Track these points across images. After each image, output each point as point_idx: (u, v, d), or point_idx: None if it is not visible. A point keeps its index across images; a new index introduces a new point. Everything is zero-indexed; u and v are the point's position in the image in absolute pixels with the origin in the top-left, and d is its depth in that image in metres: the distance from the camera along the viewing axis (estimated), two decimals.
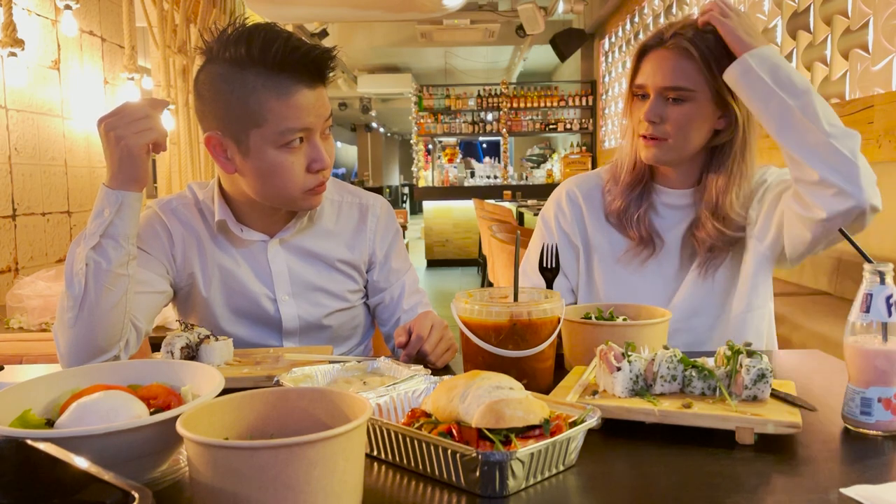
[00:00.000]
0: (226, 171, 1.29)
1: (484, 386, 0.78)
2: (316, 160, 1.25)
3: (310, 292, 1.42)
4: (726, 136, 1.40)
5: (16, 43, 2.88)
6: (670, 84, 1.35)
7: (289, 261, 1.40)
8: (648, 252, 1.48)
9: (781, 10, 3.92)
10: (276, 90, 1.20)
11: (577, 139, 10.48)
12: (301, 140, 1.24)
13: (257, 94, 1.20)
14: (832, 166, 1.22)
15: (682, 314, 1.43)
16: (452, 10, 6.18)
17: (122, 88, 4.07)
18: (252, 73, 1.20)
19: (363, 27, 10.63)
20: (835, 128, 1.23)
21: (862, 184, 1.21)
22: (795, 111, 1.25)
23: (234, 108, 1.21)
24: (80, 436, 0.69)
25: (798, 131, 1.24)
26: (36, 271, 2.69)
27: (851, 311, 0.91)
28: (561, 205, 1.57)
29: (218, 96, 1.23)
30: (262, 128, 1.21)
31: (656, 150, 1.40)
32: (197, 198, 1.41)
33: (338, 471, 0.63)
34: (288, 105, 1.20)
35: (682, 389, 0.94)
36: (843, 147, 1.22)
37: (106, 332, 1.18)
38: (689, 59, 1.34)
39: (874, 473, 0.78)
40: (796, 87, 1.25)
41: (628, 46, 7.54)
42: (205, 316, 1.41)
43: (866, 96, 3.13)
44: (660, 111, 1.37)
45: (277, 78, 1.20)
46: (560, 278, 1.54)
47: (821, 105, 1.25)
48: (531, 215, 7.20)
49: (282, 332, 1.42)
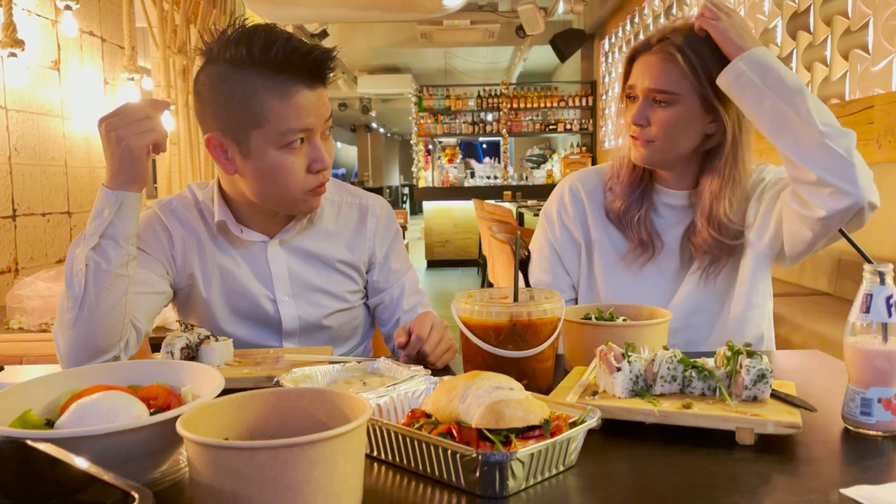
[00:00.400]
0: (226, 172, 1.29)
1: (484, 386, 0.78)
2: (317, 160, 1.26)
3: (309, 293, 1.42)
4: (717, 141, 1.40)
5: (16, 43, 2.88)
6: (655, 87, 1.37)
7: (288, 261, 1.40)
8: (648, 255, 1.48)
9: (781, 11, 3.92)
10: (277, 91, 1.20)
11: (577, 139, 10.48)
12: (301, 140, 1.24)
13: (258, 95, 1.20)
14: (828, 166, 1.22)
15: (682, 313, 1.44)
16: (452, 10, 6.17)
17: (122, 89, 4.07)
18: (253, 73, 1.20)
19: (363, 27, 10.63)
20: (829, 127, 1.23)
21: (859, 182, 1.21)
22: (789, 112, 1.25)
23: (235, 108, 1.21)
24: (80, 436, 0.69)
25: (793, 133, 1.24)
26: (36, 272, 2.68)
27: (851, 311, 0.91)
28: (563, 200, 1.57)
29: (218, 97, 1.22)
30: (262, 128, 1.21)
31: (644, 151, 1.41)
32: (197, 198, 1.40)
33: (338, 471, 0.63)
34: (289, 105, 1.20)
35: (682, 390, 0.94)
36: (839, 146, 1.22)
37: (106, 333, 1.18)
38: (673, 63, 1.35)
39: (874, 474, 0.78)
40: (788, 87, 1.25)
41: (628, 47, 7.55)
42: (205, 316, 1.40)
43: (866, 96, 3.13)
44: (646, 113, 1.39)
45: (278, 78, 1.20)
46: (562, 274, 1.55)
47: (814, 104, 1.25)
48: (531, 215, 7.20)
49: (281, 333, 1.41)
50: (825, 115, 1.25)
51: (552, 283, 1.54)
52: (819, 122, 1.23)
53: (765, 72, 1.26)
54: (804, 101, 1.24)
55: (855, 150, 1.24)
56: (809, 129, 1.23)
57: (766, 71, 1.26)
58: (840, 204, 1.22)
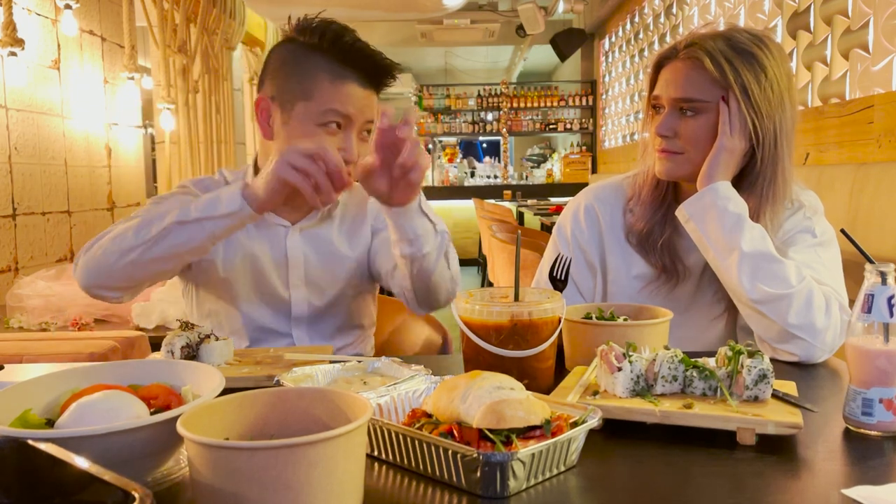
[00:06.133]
0: (264, 135, 1.39)
1: (485, 386, 0.78)
2: (346, 150, 1.33)
3: (321, 281, 1.48)
4: (751, 154, 1.30)
5: (16, 42, 2.88)
6: (682, 96, 1.29)
7: (305, 249, 1.47)
8: (672, 284, 1.41)
9: (781, 10, 3.92)
10: (331, 74, 1.33)
11: (577, 139, 10.47)
12: (338, 126, 1.34)
13: (315, 73, 1.33)
14: (769, 335, 1.23)
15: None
16: (452, 9, 6.18)
17: (122, 88, 4.06)
18: (318, 56, 1.33)
19: (363, 27, 10.51)
20: (763, 293, 1.20)
21: (810, 352, 1.21)
22: (722, 272, 1.26)
23: (292, 79, 1.34)
24: (80, 436, 0.69)
25: (733, 292, 1.27)
26: (36, 271, 2.68)
27: (853, 311, 0.91)
28: (579, 218, 1.49)
29: (282, 66, 1.36)
30: (308, 102, 1.33)
31: (670, 164, 1.33)
32: (226, 180, 1.49)
33: (338, 471, 0.63)
34: (337, 90, 1.32)
35: (683, 390, 0.94)
36: (774, 314, 1.20)
37: (128, 276, 1.25)
38: (701, 70, 1.27)
39: (875, 474, 0.77)
40: (725, 243, 1.24)
41: (628, 46, 7.54)
42: (220, 294, 1.46)
43: (866, 96, 3.13)
44: (673, 125, 1.31)
45: (336, 65, 1.33)
46: (574, 295, 1.48)
47: (752, 265, 1.21)
48: (531, 215, 7.19)
49: (290, 318, 1.47)
50: (765, 277, 1.21)
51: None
52: (750, 290, 1.21)
53: (702, 222, 1.27)
54: (736, 261, 1.22)
55: (797, 308, 1.19)
56: (743, 294, 1.23)
57: (704, 222, 1.27)
58: (784, 357, 1.23)
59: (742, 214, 1.25)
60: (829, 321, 1.20)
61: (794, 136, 1.32)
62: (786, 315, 1.19)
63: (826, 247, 1.33)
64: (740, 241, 1.23)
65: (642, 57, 6.91)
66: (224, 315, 1.47)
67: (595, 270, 1.48)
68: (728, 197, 1.26)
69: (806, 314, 1.19)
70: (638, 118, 7.10)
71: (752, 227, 1.24)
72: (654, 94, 1.35)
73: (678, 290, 1.43)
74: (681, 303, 1.42)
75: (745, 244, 1.22)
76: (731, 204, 1.25)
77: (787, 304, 1.19)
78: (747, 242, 1.22)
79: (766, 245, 1.23)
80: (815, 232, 1.34)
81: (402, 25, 10.26)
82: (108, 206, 3.92)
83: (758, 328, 1.25)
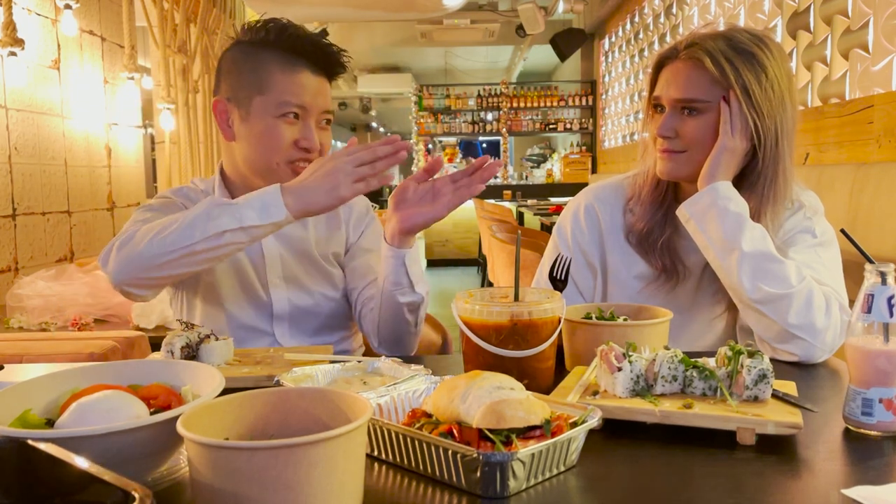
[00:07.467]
0: (225, 137, 1.42)
1: (485, 386, 0.78)
2: (305, 138, 1.37)
3: (300, 279, 1.48)
4: (752, 153, 1.30)
5: (16, 42, 2.88)
6: (683, 96, 1.30)
7: (280, 248, 1.47)
8: (672, 284, 1.41)
9: (781, 10, 3.92)
10: (283, 65, 1.36)
11: (577, 139, 10.47)
12: (296, 117, 1.37)
13: (267, 66, 1.37)
14: (769, 335, 1.23)
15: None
16: (452, 10, 6.18)
17: (122, 88, 4.06)
18: (268, 51, 1.37)
19: (363, 27, 10.62)
20: (764, 292, 1.20)
21: (810, 352, 1.21)
22: (722, 272, 1.26)
23: (245, 76, 1.38)
24: (80, 436, 0.69)
25: (733, 292, 1.27)
26: (36, 271, 2.68)
27: (853, 311, 0.91)
28: (579, 218, 1.49)
29: (234, 66, 1.40)
30: (264, 95, 1.36)
31: (672, 164, 1.33)
32: (199, 188, 1.51)
33: (338, 471, 0.63)
34: (291, 80, 1.36)
35: (682, 390, 0.94)
36: (774, 314, 1.20)
37: (161, 276, 1.24)
38: (701, 70, 1.27)
39: (875, 474, 0.77)
40: (725, 243, 1.24)
41: (628, 46, 7.54)
42: (204, 295, 1.47)
43: (866, 96, 3.13)
44: (674, 125, 1.32)
45: (287, 56, 1.37)
46: (574, 295, 1.49)
47: (752, 264, 1.22)
48: (531, 215, 7.19)
49: (272, 316, 1.47)
50: (765, 278, 1.21)
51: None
52: (752, 290, 1.22)
53: (703, 223, 1.28)
54: (738, 261, 1.23)
55: (796, 308, 1.19)
56: (744, 294, 1.23)
57: (705, 222, 1.27)
58: (784, 357, 1.23)
59: (743, 214, 1.25)
60: (829, 321, 1.20)
61: (795, 136, 1.32)
62: (786, 315, 1.19)
63: (826, 247, 1.33)
64: (741, 240, 1.23)
65: (642, 57, 6.90)
66: (208, 316, 1.47)
67: (595, 270, 1.49)
68: (729, 197, 1.26)
69: (806, 314, 1.19)
70: (638, 118, 7.10)
71: (752, 227, 1.24)
72: (655, 94, 1.36)
73: (678, 290, 1.42)
74: (681, 303, 1.41)
75: (745, 244, 1.22)
76: (732, 204, 1.25)
77: (787, 303, 1.19)
78: (748, 242, 1.23)
79: (766, 245, 1.23)
80: (815, 232, 1.34)
81: (401, 25, 10.26)
82: (108, 207, 3.92)
83: (758, 328, 1.25)
